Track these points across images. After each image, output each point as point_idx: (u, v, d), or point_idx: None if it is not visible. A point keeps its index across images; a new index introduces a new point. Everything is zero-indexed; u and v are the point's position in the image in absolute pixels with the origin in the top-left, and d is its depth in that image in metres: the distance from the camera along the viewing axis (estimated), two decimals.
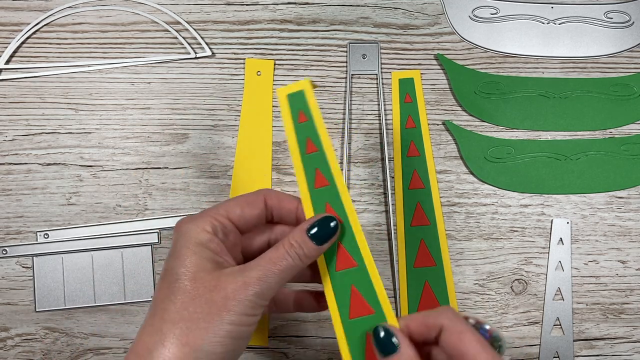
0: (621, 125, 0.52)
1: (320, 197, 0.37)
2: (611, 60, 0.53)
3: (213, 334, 0.32)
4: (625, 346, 0.50)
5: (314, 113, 0.37)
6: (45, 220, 0.51)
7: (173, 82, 0.52)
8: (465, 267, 0.51)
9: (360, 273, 0.36)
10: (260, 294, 0.33)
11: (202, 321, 0.32)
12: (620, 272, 0.51)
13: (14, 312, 0.50)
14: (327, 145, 0.37)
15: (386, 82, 0.53)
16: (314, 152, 0.37)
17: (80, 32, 0.53)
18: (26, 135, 0.52)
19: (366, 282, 0.36)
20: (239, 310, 0.32)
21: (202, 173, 0.51)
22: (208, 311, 0.32)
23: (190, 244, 0.34)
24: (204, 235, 0.34)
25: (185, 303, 0.32)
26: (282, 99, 0.38)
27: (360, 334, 0.35)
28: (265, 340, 0.49)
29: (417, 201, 0.50)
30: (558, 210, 0.51)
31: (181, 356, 0.31)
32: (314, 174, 0.37)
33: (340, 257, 0.36)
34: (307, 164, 0.37)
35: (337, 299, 0.36)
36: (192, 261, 0.33)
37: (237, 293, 0.32)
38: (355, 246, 0.36)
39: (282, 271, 0.34)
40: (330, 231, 0.35)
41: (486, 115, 0.52)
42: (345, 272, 0.36)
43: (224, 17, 0.53)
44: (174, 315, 0.32)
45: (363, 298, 0.36)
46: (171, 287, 0.33)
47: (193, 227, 0.34)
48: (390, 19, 0.53)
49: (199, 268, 0.33)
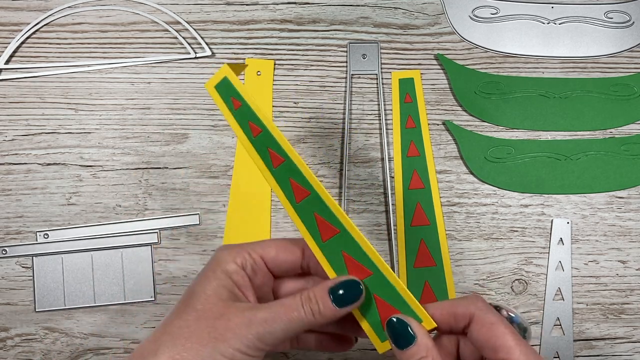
0: (621, 125, 0.52)
1: (282, 175, 0.36)
2: (611, 60, 0.53)
3: (201, 357, 0.31)
4: (626, 346, 0.50)
5: (244, 95, 0.36)
6: (45, 220, 0.51)
7: (173, 82, 0.52)
8: (465, 267, 0.51)
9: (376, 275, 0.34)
10: (261, 336, 0.32)
11: (197, 344, 0.32)
12: (620, 272, 0.51)
13: (13, 312, 0.50)
14: (268, 123, 0.36)
15: (386, 82, 0.53)
16: (260, 134, 0.36)
17: (80, 32, 0.53)
18: (26, 135, 0.52)
19: None
20: (235, 345, 0.32)
21: (202, 173, 0.51)
22: (206, 336, 0.32)
23: (217, 270, 0.34)
24: (231, 265, 0.34)
25: (189, 321, 0.32)
26: (212, 92, 0.37)
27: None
28: None
29: (417, 201, 0.50)
30: (558, 210, 0.51)
31: None
32: (268, 154, 0.36)
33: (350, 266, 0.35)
34: (257, 146, 0.36)
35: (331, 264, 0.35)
36: (211, 285, 0.34)
37: (239, 328, 0.32)
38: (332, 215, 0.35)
39: (291, 320, 0.33)
40: (354, 296, 0.33)
41: (486, 115, 0.52)
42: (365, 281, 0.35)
43: (224, 17, 0.53)
44: (175, 330, 0.32)
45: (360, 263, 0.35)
46: (184, 303, 0.34)
47: (225, 255, 0.35)
48: (390, 19, 0.53)
49: (215, 293, 0.33)
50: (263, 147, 0.36)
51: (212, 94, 0.37)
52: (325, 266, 0.35)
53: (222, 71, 0.36)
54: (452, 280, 0.50)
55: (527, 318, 0.50)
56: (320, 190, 0.35)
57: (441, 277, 0.50)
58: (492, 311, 0.32)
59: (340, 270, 0.35)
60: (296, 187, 0.35)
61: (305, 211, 0.35)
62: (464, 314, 0.32)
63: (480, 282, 0.50)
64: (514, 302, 0.50)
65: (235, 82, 0.36)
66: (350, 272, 0.35)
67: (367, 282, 0.34)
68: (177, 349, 0.32)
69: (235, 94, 0.36)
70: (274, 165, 0.36)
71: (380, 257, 0.34)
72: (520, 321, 0.44)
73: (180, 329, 0.32)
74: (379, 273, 0.34)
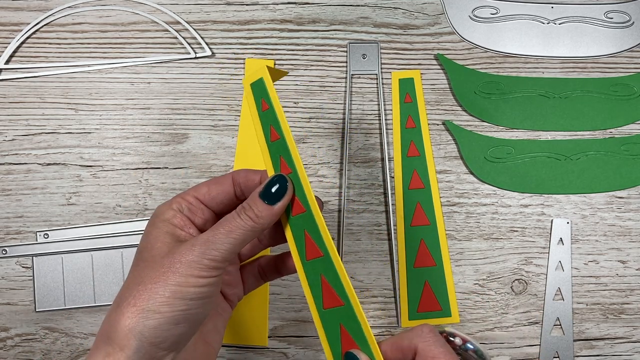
0: (621, 125, 0.52)
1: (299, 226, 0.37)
2: (611, 60, 0.53)
3: (157, 294, 0.33)
4: (625, 346, 0.50)
5: (273, 100, 0.37)
6: (45, 220, 0.51)
7: (173, 82, 0.52)
8: (465, 267, 0.51)
9: (309, 218, 0.36)
10: (206, 254, 0.33)
11: (149, 284, 0.33)
12: (620, 272, 0.51)
13: (14, 312, 0.50)
14: (287, 133, 0.37)
15: (386, 82, 0.53)
16: (277, 140, 0.37)
17: (80, 32, 0.53)
18: (26, 135, 0.52)
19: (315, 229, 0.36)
20: (184, 271, 0.33)
21: (202, 173, 0.51)
22: (156, 274, 0.33)
23: (156, 222, 0.36)
24: (168, 212, 0.36)
25: (140, 271, 0.34)
26: (247, 88, 0.38)
27: (334, 324, 0.35)
28: (265, 340, 0.49)
29: (417, 201, 0.50)
30: (558, 210, 0.51)
31: (130, 316, 0.32)
32: (279, 161, 0.37)
33: (308, 246, 0.36)
34: (272, 150, 0.37)
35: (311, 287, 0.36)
36: (153, 235, 0.35)
37: (184, 255, 0.33)
38: (319, 237, 0.36)
39: (231, 231, 0.34)
40: (282, 190, 0.35)
41: (486, 115, 0.52)
42: (314, 262, 0.36)
43: (224, 17, 0.53)
44: (130, 282, 0.34)
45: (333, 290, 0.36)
46: (134, 260, 0.35)
47: (160, 207, 0.36)
48: (390, 19, 0.53)
49: (158, 239, 0.35)
50: (276, 154, 0.37)
51: (246, 90, 0.38)
52: (303, 284, 0.36)
53: (261, 72, 0.38)
54: (452, 280, 0.50)
55: (527, 318, 0.50)
56: (315, 212, 0.36)
57: (441, 277, 0.50)
58: (437, 342, 0.32)
59: (316, 293, 0.36)
60: (295, 201, 0.36)
61: (298, 226, 0.36)
62: (409, 346, 0.33)
63: (480, 282, 0.50)
64: (514, 302, 0.50)
65: (270, 85, 0.37)
66: (325, 297, 0.36)
67: (336, 311, 0.35)
68: (133, 296, 0.33)
69: (266, 97, 0.38)
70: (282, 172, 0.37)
71: (354, 291, 0.35)
72: (475, 348, 0.45)
73: (134, 279, 0.34)
74: (349, 306, 0.35)
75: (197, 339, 0.36)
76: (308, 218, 0.36)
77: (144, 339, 0.32)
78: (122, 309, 0.33)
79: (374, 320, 0.50)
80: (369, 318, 0.50)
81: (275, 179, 0.36)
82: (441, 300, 0.49)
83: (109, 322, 0.33)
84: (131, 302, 0.33)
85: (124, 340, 0.32)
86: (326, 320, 0.36)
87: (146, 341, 0.32)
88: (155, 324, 0.32)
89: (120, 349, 0.32)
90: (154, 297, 0.33)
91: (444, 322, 0.49)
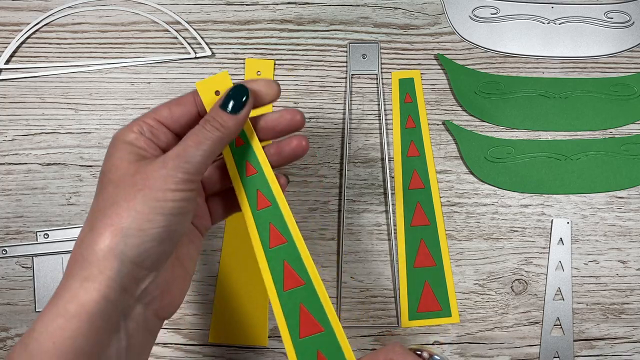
0: (621, 125, 0.52)
1: (264, 219, 0.37)
2: (611, 60, 0.53)
3: (135, 211, 0.32)
4: (626, 346, 0.50)
5: (250, 136, 0.38)
6: (45, 220, 0.51)
7: (173, 82, 0.52)
8: (465, 267, 0.51)
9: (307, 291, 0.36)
10: (180, 167, 0.33)
11: (124, 202, 0.32)
12: (620, 272, 0.51)
13: (14, 312, 0.50)
14: (265, 167, 0.37)
15: (386, 82, 0.53)
16: (254, 174, 0.38)
17: (80, 32, 0.53)
18: (26, 135, 0.52)
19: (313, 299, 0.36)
20: (159, 186, 0.33)
21: None
22: (129, 192, 0.32)
23: (117, 144, 0.34)
24: (130, 135, 0.35)
25: (110, 192, 0.33)
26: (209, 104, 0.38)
27: (310, 350, 0.36)
28: (265, 340, 0.49)
29: (417, 201, 0.50)
30: (558, 210, 0.51)
31: (108, 236, 0.31)
32: (256, 195, 0.38)
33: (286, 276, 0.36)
34: (247, 187, 0.38)
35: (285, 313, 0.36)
36: (117, 156, 0.34)
37: (157, 171, 0.33)
38: (301, 265, 0.36)
39: (200, 143, 0.34)
40: (239, 98, 0.36)
41: (486, 115, 0.52)
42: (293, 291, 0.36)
43: (224, 17, 0.53)
44: (101, 204, 0.33)
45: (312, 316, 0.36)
46: (100, 183, 0.34)
47: (120, 131, 0.35)
48: (390, 19, 0.53)
49: (123, 160, 0.34)
50: (253, 189, 0.38)
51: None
52: (278, 314, 0.36)
53: None
54: (452, 280, 0.50)
55: (527, 318, 0.50)
56: (297, 240, 0.36)
57: (441, 277, 0.50)
58: (410, 356, 0.34)
59: (292, 322, 0.36)
60: (274, 232, 0.37)
61: (276, 258, 0.37)
62: None
63: (480, 282, 0.50)
64: (514, 302, 0.50)
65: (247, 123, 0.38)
66: (302, 326, 0.36)
67: (316, 337, 0.36)
68: (108, 216, 0.32)
69: (241, 134, 0.38)
70: (258, 208, 0.37)
71: (337, 318, 0.36)
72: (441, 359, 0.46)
73: (105, 201, 0.32)
74: (330, 331, 0.36)
75: (174, 260, 0.35)
76: (289, 246, 0.37)
77: (125, 259, 0.31)
78: (99, 230, 0.31)
79: (374, 320, 0.50)
80: (369, 318, 0.50)
81: (235, 89, 0.36)
82: (441, 300, 0.49)
83: (83, 246, 0.32)
84: (108, 222, 0.32)
85: (104, 262, 0.31)
86: (302, 348, 0.36)
87: (128, 261, 0.31)
88: (138, 241, 0.32)
89: (100, 271, 0.31)
90: (132, 215, 0.32)
91: (444, 322, 0.49)
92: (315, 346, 0.36)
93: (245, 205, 0.37)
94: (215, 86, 0.37)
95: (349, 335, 0.50)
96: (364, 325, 0.50)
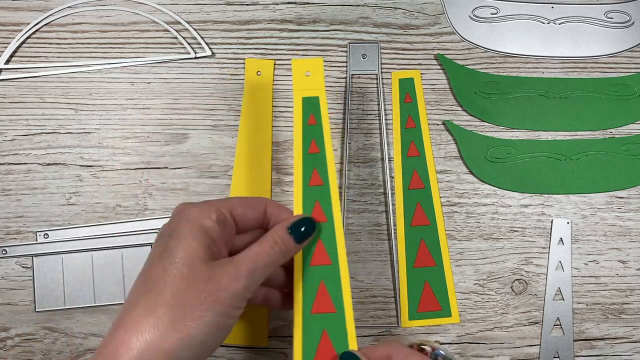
0: (621, 125, 0.52)
1: (312, 195, 0.40)
2: (611, 60, 0.53)
3: (204, 324, 0.32)
4: (626, 346, 0.50)
5: (323, 120, 0.41)
6: (45, 220, 0.51)
7: (173, 82, 0.52)
8: (465, 267, 0.51)
9: (332, 271, 0.38)
10: (248, 287, 0.34)
11: (197, 310, 0.32)
12: (620, 272, 0.51)
13: (13, 312, 0.50)
14: (329, 150, 0.40)
15: (386, 82, 0.53)
16: (315, 153, 0.40)
17: (80, 32, 0.53)
18: (26, 135, 0.52)
19: (336, 281, 0.38)
20: (230, 303, 0.33)
21: (202, 173, 0.51)
22: (203, 301, 0.33)
23: (193, 228, 0.34)
24: (208, 222, 0.35)
25: (181, 290, 0.33)
26: (297, 99, 0.42)
27: (317, 329, 0.37)
28: (265, 340, 0.49)
29: (417, 201, 0.50)
30: (558, 210, 0.51)
31: (174, 342, 0.31)
32: (311, 172, 0.40)
33: (317, 253, 0.39)
34: (306, 162, 0.40)
35: (304, 291, 0.38)
36: (191, 246, 0.34)
37: (230, 285, 0.33)
38: (334, 245, 0.39)
39: (267, 266, 0.35)
40: (308, 231, 0.38)
41: (486, 115, 0.52)
42: (318, 268, 0.38)
43: (224, 17, 0.53)
44: (170, 300, 0.32)
45: (329, 296, 0.38)
46: (167, 269, 0.33)
47: (198, 212, 0.35)
48: (390, 18, 0.53)
49: (197, 255, 0.34)
50: (311, 165, 0.40)
51: (296, 101, 0.42)
52: (297, 285, 0.38)
53: (319, 91, 0.42)
54: (452, 280, 0.50)
55: (527, 318, 0.50)
56: (337, 224, 0.39)
57: (441, 277, 0.50)
58: (407, 349, 0.35)
59: (309, 296, 0.38)
60: (317, 209, 0.39)
61: (313, 240, 0.39)
62: (382, 355, 0.35)
63: (480, 282, 0.50)
64: (514, 302, 0.50)
65: (324, 105, 0.42)
66: (317, 302, 0.38)
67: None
68: (178, 319, 0.32)
69: (317, 114, 0.41)
70: (310, 184, 0.40)
71: (351, 304, 0.38)
72: (445, 354, 0.46)
73: (175, 298, 0.32)
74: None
75: None
76: (329, 228, 0.39)
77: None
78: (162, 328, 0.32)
79: (374, 320, 0.50)
80: (369, 318, 0.50)
81: (305, 220, 0.38)
82: (441, 300, 0.49)
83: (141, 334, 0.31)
84: (177, 326, 0.32)
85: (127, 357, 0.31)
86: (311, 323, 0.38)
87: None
88: (195, 352, 0.32)
89: None
90: (199, 327, 0.32)
91: (444, 322, 0.49)
92: (324, 325, 0.38)
93: None
94: (307, 67, 0.41)
95: None
96: (364, 325, 0.50)
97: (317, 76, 0.44)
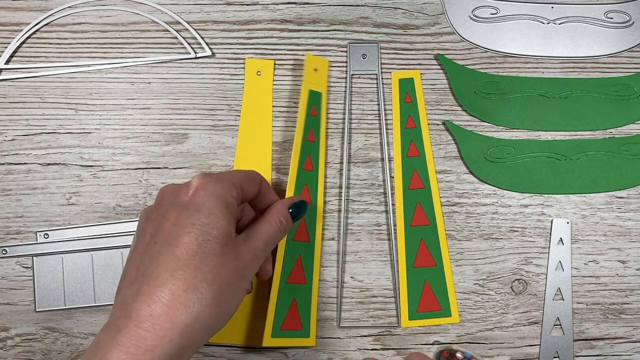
0: (621, 125, 0.52)
1: (303, 178, 0.47)
2: (611, 60, 0.53)
3: (236, 298, 0.36)
4: (625, 346, 0.50)
5: (322, 114, 0.48)
6: (45, 220, 0.51)
7: (173, 82, 0.52)
8: (465, 267, 0.51)
9: (308, 248, 0.46)
10: (260, 263, 0.38)
11: (230, 286, 0.35)
12: (620, 272, 0.51)
13: (14, 312, 0.50)
14: (322, 141, 0.47)
15: (386, 82, 0.53)
16: (311, 142, 0.47)
17: (80, 32, 0.53)
18: (26, 135, 0.52)
19: (310, 256, 0.46)
20: (250, 279, 0.37)
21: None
22: (233, 277, 0.35)
23: (221, 206, 0.36)
24: (230, 199, 0.37)
25: (217, 267, 0.35)
26: (305, 91, 0.49)
27: (289, 296, 0.46)
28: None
29: (417, 201, 0.50)
30: (558, 210, 0.51)
31: (214, 315, 0.34)
32: (306, 158, 0.47)
33: (299, 230, 0.46)
34: (304, 148, 0.47)
35: (284, 263, 0.45)
36: (223, 225, 0.36)
37: (252, 263, 0.37)
38: (314, 225, 0.48)
39: (275, 243, 0.40)
40: (303, 211, 0.43)
41: (486, 115, 0.52)
42: (297, 243, 0.46)
43: (224, 17, 0.53)
44: (209, 277, 0.34)
45: (302, 269, 0.46)
46: (202, 246, 0.35)
47: (222, 190, 0.37)
48: (390, 19, 0.53)
49: (227, 234, 0.36)
50: (306, 152, 0.47)
51: (303, 93, 0.49)
52: (279, 258, 0.45)
53: (322, 87, 0.50)
54: (452, 280, 0.50)
55: (527, 318, 0.50)
56: (319, 208, 0.48)
57: (441, 277, 0.50)
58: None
59: (286, 269, 0.46)
60: (305, 192, 0.46)
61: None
62: None
63: (480, 282, 0.50)
64: (514, 302, 0.50)
65: (325, 101, 0.50)
66: (292, 275, 0.46)
67: (297, 287, 0.47)
68: (217, 295, 0.34)
69: (318, 108, 0.49)
70: (303, 168, 0.47)
71: (318, 278, 0.47)
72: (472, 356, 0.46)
73: (213, 274, 0.35)
74: (310, 285, 0.47)
75: None
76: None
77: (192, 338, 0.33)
78: (205, 302, 0.34)
79: (374, 320, 0.50)
80: (369, 318, 0.50)
81: (303, 203, 0.43)
82: (441, 300, 0.49)
83: (185, 308, 0.33)
84: (216, 300, 0.34)
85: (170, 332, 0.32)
86: (285, 292, 0.46)
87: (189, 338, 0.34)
88: (224, 324, 0.36)
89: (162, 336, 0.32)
90: (231, 301, 0.36)
91: (444, 322, 0.49)
92: (295, 294, 0.45)
93: None
94: (316, 65, 0.50)
95: (349, 335, 0.50)
96: (364, 325, 0.50)
97: (322, 74, 0.51)
